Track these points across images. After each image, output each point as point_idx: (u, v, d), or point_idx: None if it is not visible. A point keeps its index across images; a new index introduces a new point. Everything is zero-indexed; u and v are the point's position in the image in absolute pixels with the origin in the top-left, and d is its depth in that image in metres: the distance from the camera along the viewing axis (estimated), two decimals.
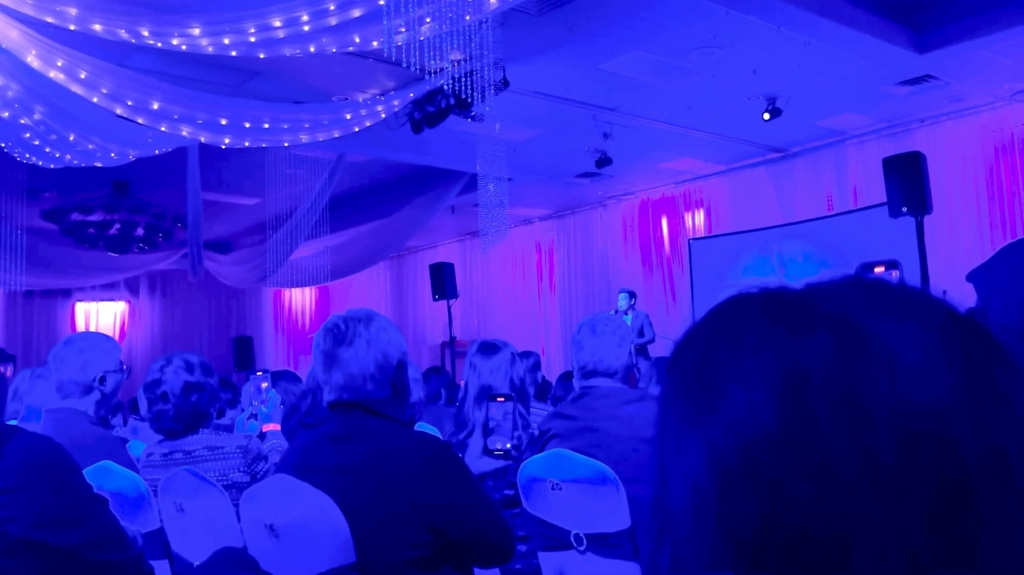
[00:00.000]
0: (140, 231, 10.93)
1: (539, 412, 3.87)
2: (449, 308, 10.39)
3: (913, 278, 6.28)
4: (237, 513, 2.14)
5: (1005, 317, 1.21)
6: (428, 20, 5.09)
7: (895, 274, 1.48)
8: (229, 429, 3.57)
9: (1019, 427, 0.44)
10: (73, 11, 4.89)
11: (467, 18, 5.18)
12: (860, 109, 8.99)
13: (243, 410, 3.26)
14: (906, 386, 0.43)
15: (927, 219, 6.73)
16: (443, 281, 10.53)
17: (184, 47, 5.33)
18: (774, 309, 0.49)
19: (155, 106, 6.03)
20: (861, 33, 6.77)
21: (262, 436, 3.02)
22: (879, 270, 1.49)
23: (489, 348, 3.07)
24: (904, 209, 6.67)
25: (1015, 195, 8.94)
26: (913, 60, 7.38)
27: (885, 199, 7.04)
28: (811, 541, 0.42)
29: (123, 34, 5.13)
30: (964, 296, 1.35)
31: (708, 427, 0.47)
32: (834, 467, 0.43)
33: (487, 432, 2.48)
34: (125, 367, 2.81)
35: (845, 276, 0.51)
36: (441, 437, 3.57)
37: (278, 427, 3.01)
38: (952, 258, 8.84)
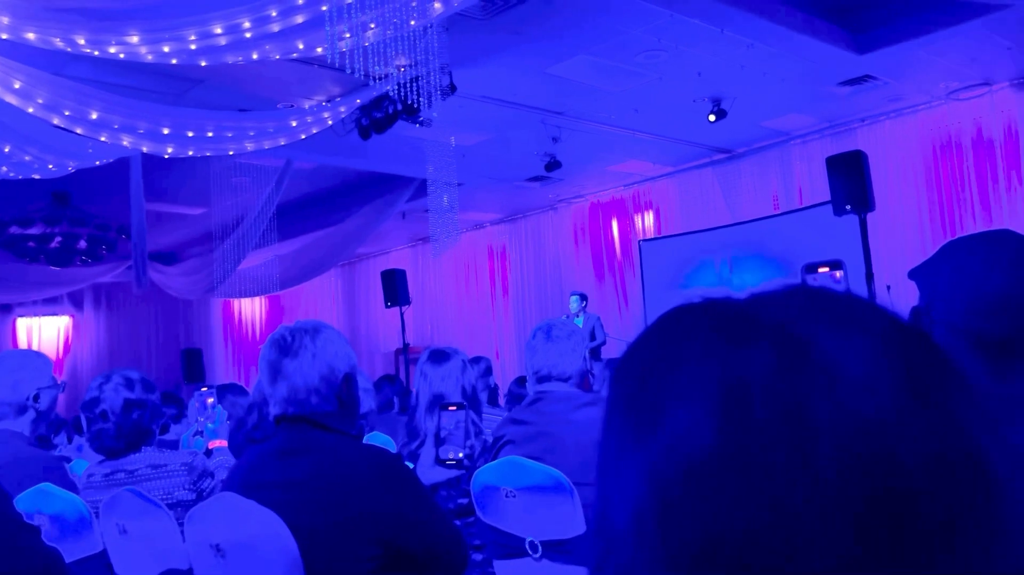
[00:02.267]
0: (82, 244, 10.68)
1: (492, 418, 3.85)
2: (402, 315, 10.32)
3: (858, 275, 6.39)
4: (182, 533, 2.09)
5: (949, 315, 1.22)
6: (372, 26, 5.05)
7: (839, 274, 1.49)
8: (174, 445, 3.49)
9: (962, 438, 0.43)
10: (5, 19, 4.76)
11: (412, 23, 5.15)
12: (803, 110, 9.14)
13: (189, 426, 3.18)
14: (848, 399, 0.42)
15: (870, 216, 6.85)
16: (395, 288, 10.46)
17: (122, 55, 5.21)
18: (715, 320, 0.48)
19: (94, 116, 5.89)
20: (802, 35, 6.89)
21: (209, 453, 2.95)
22: (823, 270, 1.50)
23: (439, 356, 3.04)
24: (848, 207, 6.78)
25: (954, 191, 9.16)
26: (853, 61, 7.53)
27: (829, 198, 7.16)
28: (755, 568, 0.41)
29: (58, 43, 5.00)
30: (908, 292, 1.36)
31: (649, 447, 0.45)
32: (776, 487, 0.41)
33: (439, 442, 2.45)
34: (60, 382, 2.73)
35: (789, 285, 0.50)
36: (395, 446, 3.54)
37: (225, 443, 2.95)
38: (896, 254, 9.02)
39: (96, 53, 5.15)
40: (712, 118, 8.54)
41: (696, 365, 0.46)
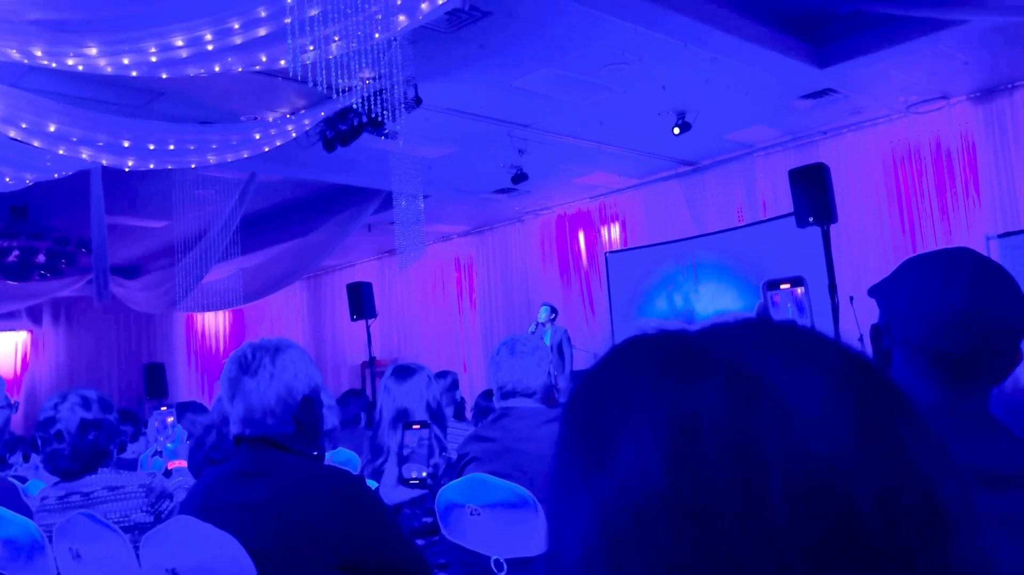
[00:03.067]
0: (41, 258, 10.49)
1: (458, 432, 3.82)
2: (368, 328, 10.25)
3: (821, 287, 6.46)
4: (138, 557, 2.04)
5: (907, 332, 1.23)
6: (336, 39, 5.02)
7: (800, 291, 1.49)
8: (132, 465, 3.42)
9: (915, 474, 0.42)
10: None
11: (376, 36, 5.13)
12: (766, 122, 9.24)
13: (148, 445, 3.12)
14: (801, 437, 0.41)
15: (833, 227, 6.93)
16: (361, 301, 10.39)
17: (81, 68, 5.13)
18: (667, 355, 0.47)
19: (52, 128, 5.80)
20: (765, 49, 6.96)
21: (168, 473, 2.90)
22: (784, 287, 1.50)
23: (403, 371, 3.01)
24: (810, 219, 6.85)
25: (915, 203, 9.30)
26: (814, 74, 7.62)
27: (792, 209, 7.23)
28: None
29: (14, 54, 4.91)
30: (871, 303, 1.37)
31: (599, 485, 0.44)
32: (727, 527, 0.40)
33: (402, 460, 2.42)
34: (14, 402, 2.66)
35: (743, 318, 0.49)
36: (360, 462, 3.50)
37: (184, 463, 2.89)
38: (859, 266, 9.14)
39: (54, 65, 5.06)
40: (676, 131, 8.60)
41: (646, 401, 0.44)
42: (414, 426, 2.46)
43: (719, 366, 0.44)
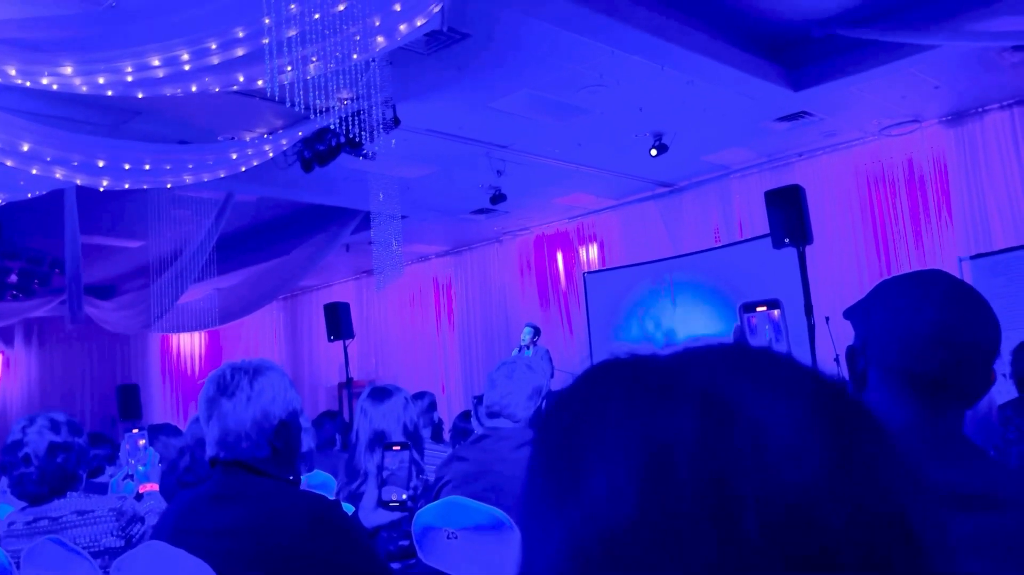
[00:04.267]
0: (14, 278, 10.37)
1: (436, 454, 3.80)
2: (345, 348, 10.19)
3: (797, 308, 6.50)
4: None
5: (883, 354, 1.23)
6: (314, 59, 5.02)
7: (776, 313, 1.49)
8: (104, 489, 3.37)
9: (888, 501, 0.42)
10: None
11: (355, 57, 5.13)
12: (742, 144, 9.33)
13: (120, 468, 3.07)
14: (775, 466, 0.41)
15: (809, 248, 6.98)
16: (338, 321, 10.33)
17: (56, 87, 5.09)
18: (639, 380, 0.46)
19: (25, 147, 5.74)
20: (740, 71, 7.04)
21: (139, 497, 2.85)
22: (761, 309, 1.50)
23: (380, 393, 2.99)
24: (786, 240, 6.90)
25: (888, 224, 9.41)
26: (789, 97, 7.72)
27: (768, 230, 7.28)
28: None
29: None
30: (845, 323, 1.37)
31: (570, 512, 0.43)
32: (699, 556, 0.39)
33: (381, 482, 2.39)
34: None
35: (715, 343, 0.49)
36: (336, 484, 3.46)
37: (156, 487, 2.85)
38: (835, 286, 9.21)
39: (28, 84, 5.02)
40: (654, 152, 8.66)
41: (618, 426, 0.44)
42: (394, 447, 2.43)
43: (692, 392, 0.44)
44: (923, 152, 9.11)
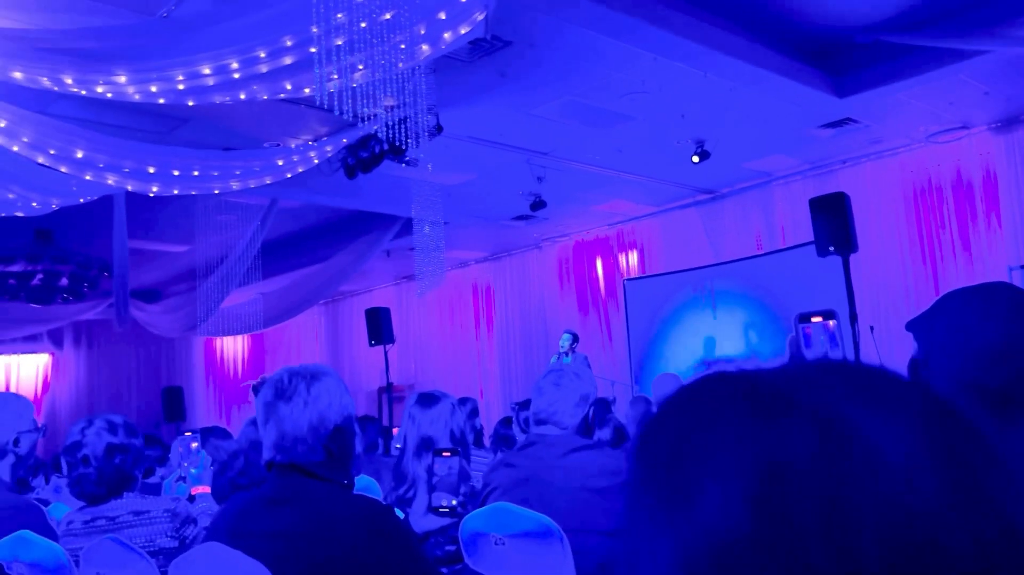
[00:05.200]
0: (64, 281, 10.59)
1: (479, 459, 3.82)
2: (386, 353, 10.25)
3: (842, 316, 6.42)
4: None
5: (947, 366, 1.23)
6: (361, 67, 5.08)
7: (832, 323, 1.49)
8: (156, 490, 3.43)
9: (1002, 516, 0.42)
10: None
11: (400, 65, 5.18)
12: (785, 151, 9.24)
13: (172, 470, 3.13)
14: (891, 487, 0.41)
15: (853, 257, 6.89)
16: (379, 326, 10.40)
17: (110, 95, 5.21)
18: (751, 397, 0.47)
19: (79, 155, 5.88)
20: (784, 78, 6.99)
21: (191, 499, 2.90)
22: (816, 320, 1.50)
23: (428, 399, 3.01)
24: (831, 248, 6.81)
25: (935, 233, 9.26)
26: (834, 104, 7.63)
27: (812, 237, 7.20)
28: None
29: (45, 82, 5.00)
30: (891, 333, 1.37)
31: (680, 527, 0.44)
32: None
33: (431, 488, 2.41)
34: (41, 425, 2.68)
35: (822, 360, 0.49)
36: (381, 489, 3.49)
37: (208, 490, 2.90)
38: (880, 295, 9.09)
39: (83, 92, 5.14)
40: (695, 159, 8.62)
41: (731, 443, 0.44)
42: (444, 453, 2.45)
43: (804, 410, 0.44)
44: (972, 159, 8.96)
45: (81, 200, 7.05)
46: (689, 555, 0.43)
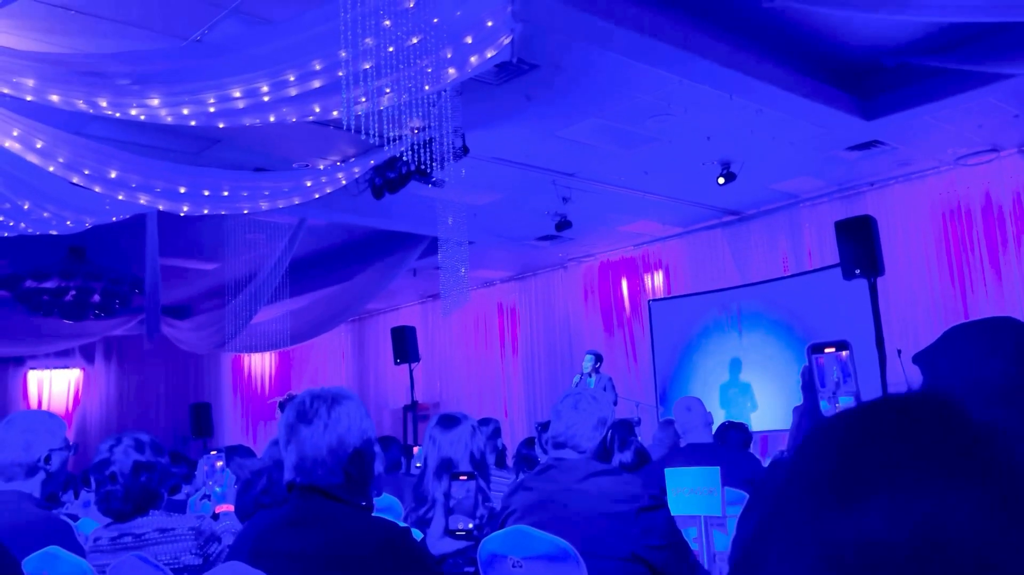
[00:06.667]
0: (96, 297, 10.78)
1: (500, 480, 3.83)
2: (411, 371, 10.31)
3: (868, 340, 6.37)
4: None
5: None
6: (388, 91, 5.16)
7: (845, 354, 1.50)
8: (182, 507, 3.48)
9: None
10: (30, 82, 4.88)
11: (427, 88, 5.26)
12: (812, 173, 9.22)
13: (198, 488, 3.18)
14: None
15: (880, 280, 6.85)
16: (405, 345, 10.47)
17: (143, 117, 5.33)
18: (947, 426, 0.48)
19: (112, 175, 6.00)
20: (810, 100, 6.98)
21: (216, 517, 2.95)
22: (829, 351, 1.51)
23: (449, 421, 3.04)
24: (857, 271, 6.78)
25: (964, 256, 9.17)
26: (861, 126, 7.61)
27: (839, 260, 7.17)
28: None
29: (81, 104, 5.12)
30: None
31: (836, 528, 0.45)
32: None
33: (448, 511, 2.44)
34: (72, 443, 2.74)
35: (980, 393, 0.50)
36: (403, 508, 3.52)
37: (231, 508, 2.94)
38: (907, 319, 9.00)
39: (118, 115, 5.26)
40: (721, 181, 8.62)
41: (910, 470, 0.45)
42: (461, 477, 2.48)
43: (988, 472, 0.45)
44: (1001, 183, 8.88)
45: (114, 219, 7.19)
46: (843, 555, 0.44)
